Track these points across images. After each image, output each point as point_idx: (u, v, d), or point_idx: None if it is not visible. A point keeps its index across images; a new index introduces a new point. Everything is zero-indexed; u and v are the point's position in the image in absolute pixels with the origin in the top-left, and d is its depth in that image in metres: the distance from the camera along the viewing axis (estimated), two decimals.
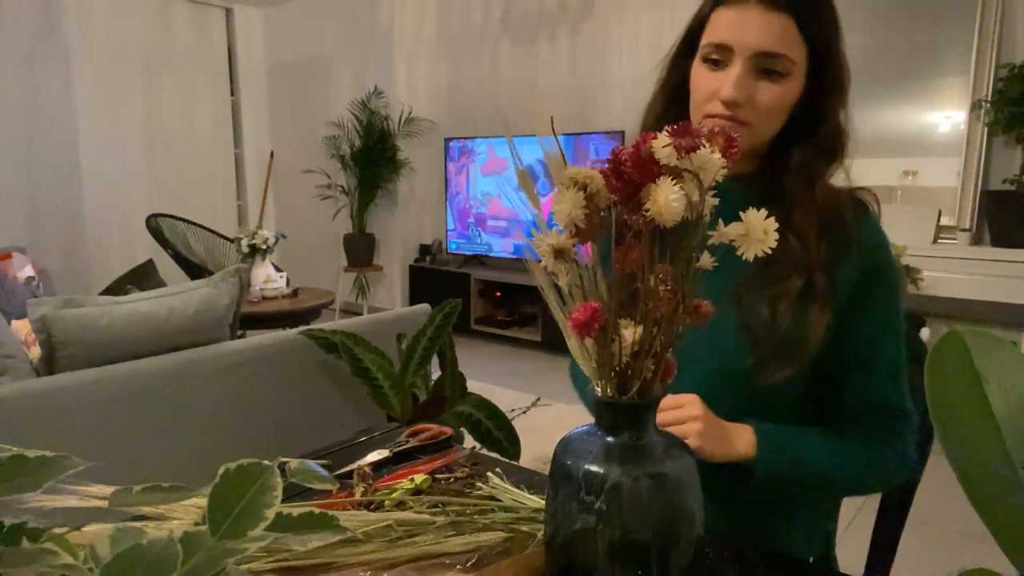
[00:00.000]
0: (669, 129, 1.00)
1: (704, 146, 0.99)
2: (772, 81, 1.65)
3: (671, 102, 1.84)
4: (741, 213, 1.04)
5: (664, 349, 1.07)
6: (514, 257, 8.94)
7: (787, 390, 1.69)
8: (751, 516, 1.71)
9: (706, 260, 1.07)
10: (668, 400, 1.58)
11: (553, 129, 1.13)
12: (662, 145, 0.99)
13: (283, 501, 0.83)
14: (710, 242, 1.06)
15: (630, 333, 1.05)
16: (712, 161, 1.00)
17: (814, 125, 1.73)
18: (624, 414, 1.11)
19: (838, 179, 1.76)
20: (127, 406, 3.12)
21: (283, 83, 11.37)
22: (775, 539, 1.76)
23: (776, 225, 1.03)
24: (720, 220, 1.06)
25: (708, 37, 1.71)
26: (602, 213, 1.08)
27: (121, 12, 9.54)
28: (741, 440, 1.61)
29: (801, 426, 1.70)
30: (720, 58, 1.68)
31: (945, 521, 4.05)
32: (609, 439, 1.12)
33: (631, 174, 1.01)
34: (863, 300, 1.70)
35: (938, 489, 2.15)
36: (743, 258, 1.05)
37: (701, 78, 1.72)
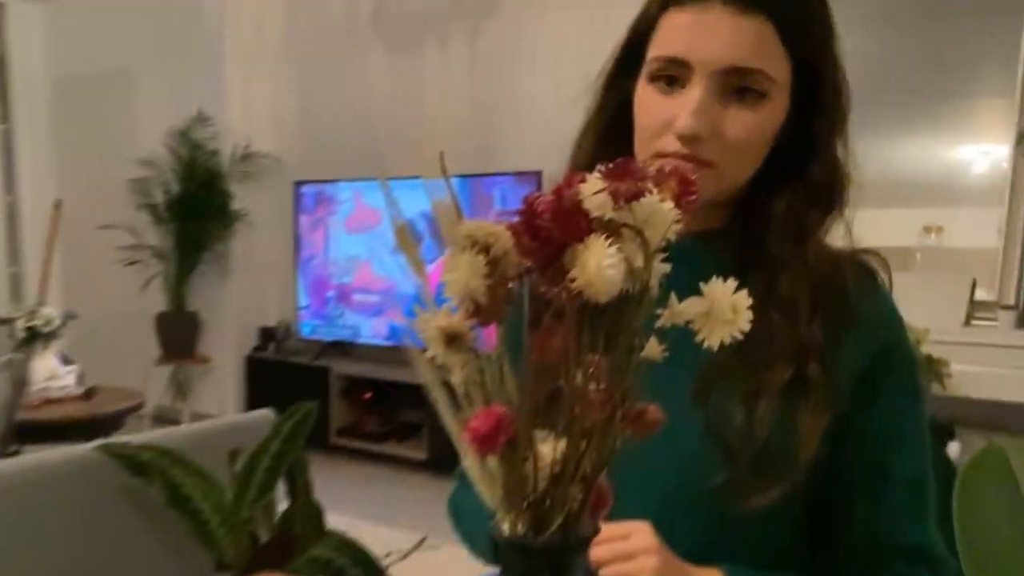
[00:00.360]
0: (602, 169, 0.95)
1: (651, 192, 0.95)
2: (745, 105, 1.58)
3: (608, 137, 1.77)
4: (703, 284, 1.00)
5: (596, 471, 1.04)
6: (390, 345, 8.91)
7: (772, 521, 1.63)
8: None
9: (654, 348, 1.03)
10: (610, 530, 1.45)
11: (444, 169, 1.07)
12: (593, 191, 0.94)
13: None
14: (659, 324, 1.02)
15: (549, 449, 1.02)
16: (661, 213, 0.95)
17: (803, 163, 1.66)
18: (541, 560, 1.07)
19: (836, 236, 1.72)
20: None
21: (73, 105, 11.20)
22: None
23: (749, 301, 0.99)
24: (673, 294, 1.02)
25: (657, 49, 1.63)
26: (511, 284, 1.03)
27: None
28: None
29: (790, 572, 1.65)
30: (675, 76, 1.60)
31: None
32: None
33: (550, 231, 0.96)
34: (872, 397, 1.63)
35: None
36: (703, 346, 1.01)
37: (649, 104, 1.65)
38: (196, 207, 9.72)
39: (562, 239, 0.97)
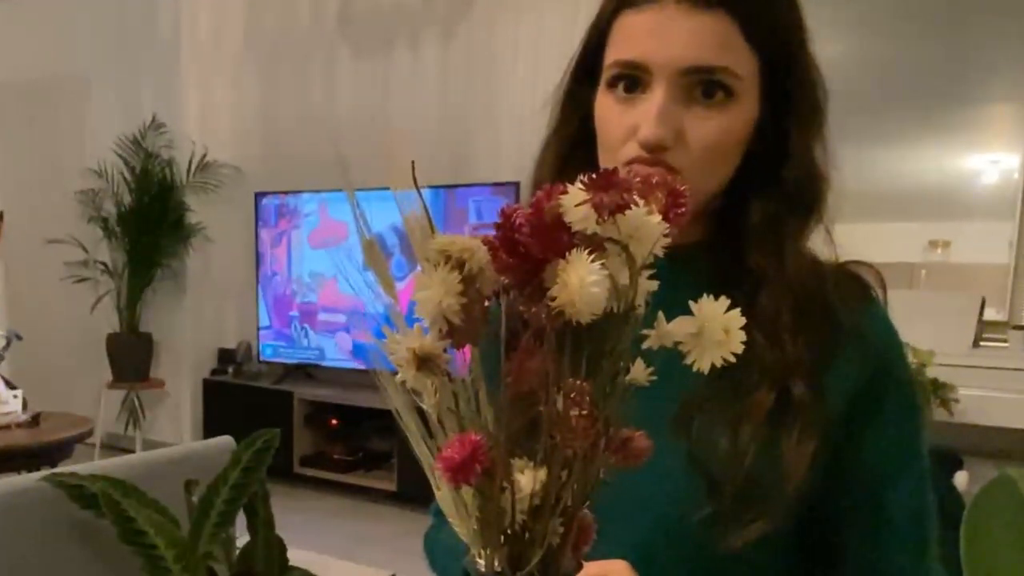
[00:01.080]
0: (584, 180, 0.93)
1: (637, 204, 0.92)
2: (711, 107, 1.53)
3: (571, 153, 1.73)
4: (691, 303, 0.98)
5: (578, 503, 1.03)
6: (358, 368, 8.87)
7: (763, 555, 1.59)
8: None
9: (640, 371, 1.02)
10: (588, 569, 1.27)
11: (415, 179, 1.06)
12: (575, 203, 0.91)
13: None
14: (646, 345, 1.00)
15: (528, 479, 1.00)
16: (648, 226, 0.93)
17: (779, 168, 1.60)
18: None
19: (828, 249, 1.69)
20: None
21: (18, 111, 11.15)
22: None
23: (743, 320, 0.97)
24: (660, 313, 1.00)
25: (613, 54, 1.59)
26: (487, 303, 1.01)
27: None
28: None
29: None
30: (635, 80, 1.56)
31: None
32: None
33: (530, 246, 0.94)
34: (867, 422, 1.60)
35: None
36: (693, 368, 0.99)
37: (609, 114, 1.61)
38: (150, 220, 9.72)
39: (542, 255, 0.95)
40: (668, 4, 1.50)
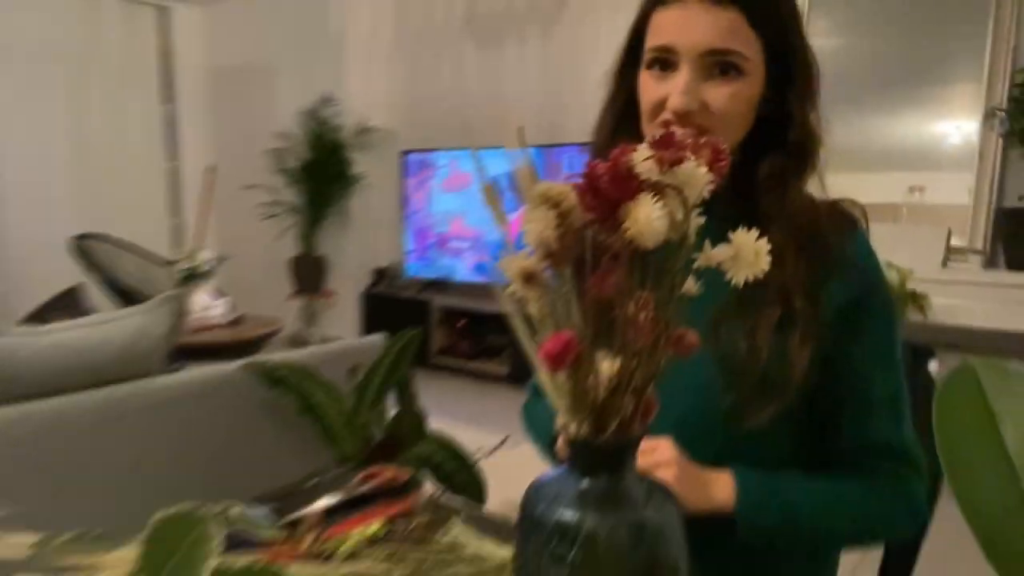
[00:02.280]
0: (650, 141, 0.98)
1: (689, 159, 0.97)
2: (725, 81, 1.61)
3: (622, 121, 1.81)
4: (708, 239, 1.04)
5: (644, 384, 1.05)
6: (479, 282, 8.92)
7: (777, 433, 1.65)
8: (739, 571, 1.67)
9: (691, 285, 1.05)
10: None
11: (523, 140, 1.11)
12: (642, 158, 0.97)
13: (223, 552, 0.82)
14: (696, 266, 1.04)
15: (607, 366, 1.04)
16: (698, 176, 0.98)
17: (783, 132, 1.68)
18: (601, 456, 1.09)
19: (816, 193, 1.71)
20: (50, 447, 3.10)
21: (225, 90, 11.35)
22: None
23: (768, 246, 1.02)
24: (707, 241, 1.04)
25: (650, 41, 1.68)
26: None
27: (44, 10, 9.45)
28: (720, 489, 1.56)
29: (791, 471, 1.66)
30: (666, 62, 1.65)
31: (954, 570, 4.06)
32: (584, 484, 1.09)
33: (608, 190, 0.98)
34: (854, 328, 1.66)
35: (947, 533, 2.14)
36: (724, 286, 1.04)
37: (647, 88, 1.69)
38: (322, 172, 9.81)
39: (617, 197, 0.98)
40: (692, 3, 1.59)
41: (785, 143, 1.66)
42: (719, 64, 1.60)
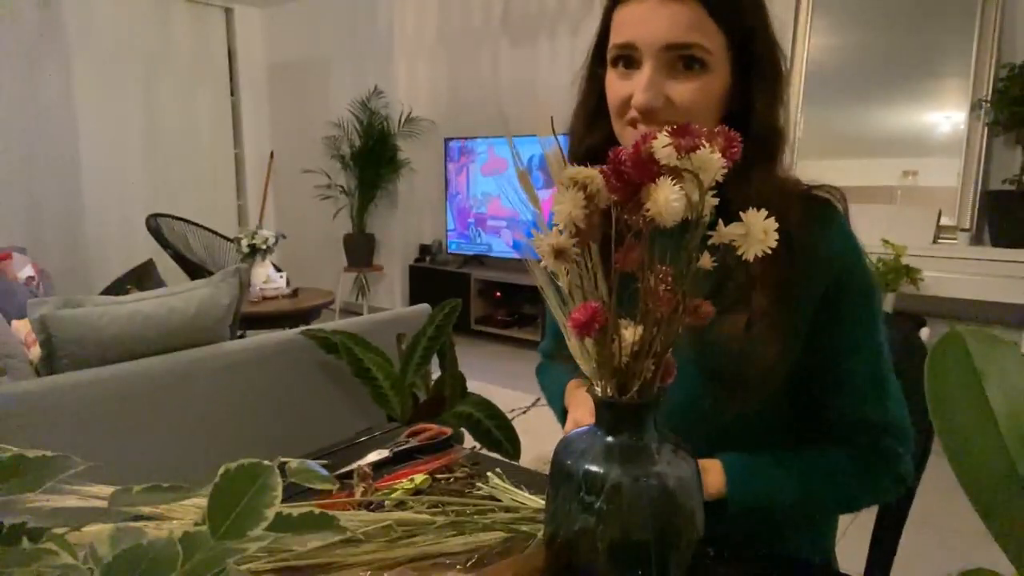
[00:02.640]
0: (670, 130, 0.98)
1: (704, 146, 0.97)
2: (689, 76, 1.49)
3: (594, 120, 1.71)
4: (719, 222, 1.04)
5: (664, 349, 1.06)
6: (514, 257, 8.88)
7: (765, 417, 1.62)
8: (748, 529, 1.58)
9: (706, 260, 1.04)
10: None
11: (553, 129, 1.12)
12: (662, 145, 0.96)
13: (283, 501, 0.83)
14: (711, 242, 1.03)
15: (630, 333, 1.05)
16: (712, 161, 0.97)
17: (747, 123, 1.53)
18: (624, 414, 1.10)
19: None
20: (127, 406, 3.13)
21: (283, 83, 11.39)
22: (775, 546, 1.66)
23: (776, 225, 1.00)
24: (720, 220, 1.03)
25: (612, 39, 1.57)
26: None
27: (121, 12, 9.55)
28: (711, 479, 1.52)
29: (777, 452, 1.61)
30: (629, 59, 1.54)
31: (945, 521, 4.04)
32: (609, 439, 1.10)
33: (631, 174, 0.99)
34: (831, 314, 1.59)
35: (938, 489, 2.14)
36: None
37: (613, 87, 1.59)
38: (372, 157, 9.84)
39: (639, 180, 0.99)
40: None
41: (749, 137, 1.37)
42: (682, 59, 1.49)
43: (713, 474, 1.52)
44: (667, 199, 0.96)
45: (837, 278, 1.56)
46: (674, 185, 0.96)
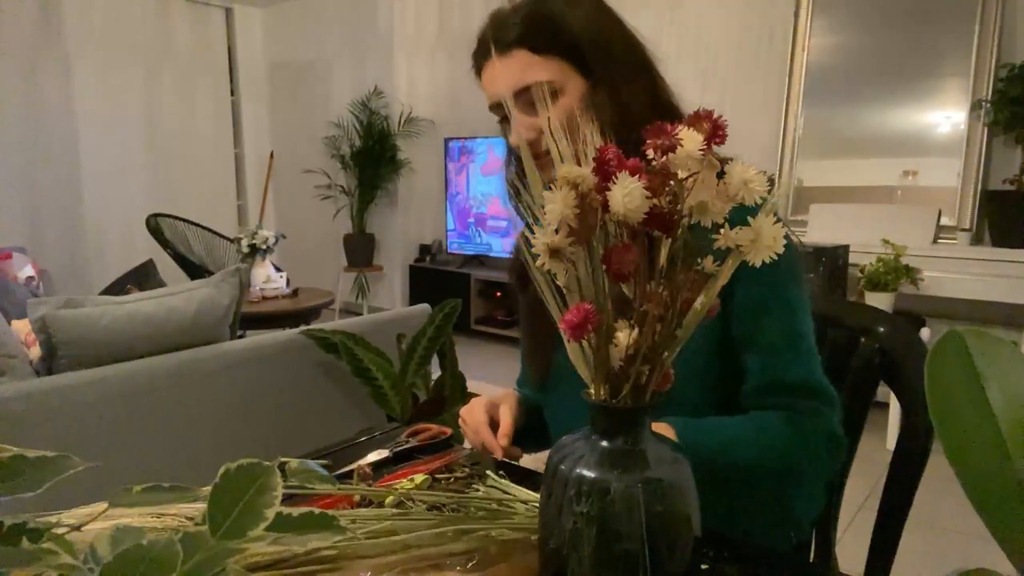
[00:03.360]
0: (647, 130, 1.01)
1: (681, 145, 0.97)
2: (547, 107, 1.65)
3: (519, 163, 1.83)
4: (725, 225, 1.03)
5: (658, 352, 1.04)
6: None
7: (690, 392, 1.60)
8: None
9: (709, 265, 1.04)
10: None
11: (550, 130, 1.12)
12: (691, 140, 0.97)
13: (283, 501, 0.83)
14: (716, 246, 1.03)
15: (624, 336, 1.03)
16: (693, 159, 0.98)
17: (621, 120, 1.62)
18: (617, 418, 1.09)
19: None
20: (127, 406, 3.13)
21: (283, 83, 11.38)
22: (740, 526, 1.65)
23: (785, 230, 1.01)
24: (726, 224, 1.03)
25: (488, 103, 1.81)
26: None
27: (121, 12, 9.56)
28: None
29: (721, 415, 1.65)
30: (504, 113, 1.74)
31: (945, 521, 4.05)
32: (603, 444, 1.09)
33: (617, 172, 0.98)
34: (732, 284, 1.52)
35: (938, 489, 2.14)
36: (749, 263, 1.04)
37: (506, 135, 1.81)
38: (372, 157, 9.83)
39: (604, 183, 1.00)
40: (490, 62, 1.76)
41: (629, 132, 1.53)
42: (532, 96, 1.69)
43: (662, 432, 1.49)
44: (619, 197, 0.96)
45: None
46: (634, 181, 0.96)
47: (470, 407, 1.81)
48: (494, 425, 1.88)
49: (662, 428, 1.53)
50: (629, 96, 1.67)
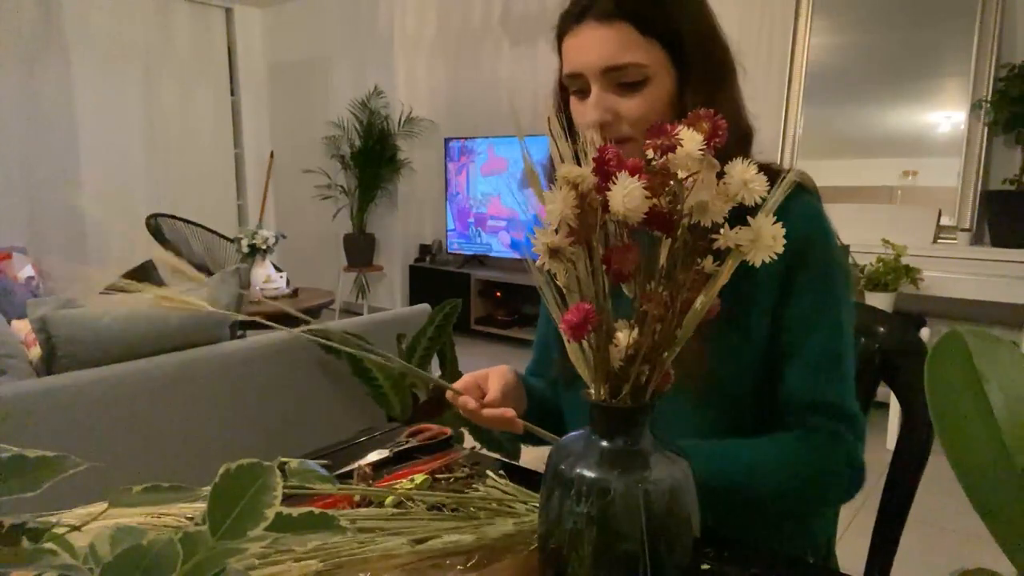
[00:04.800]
0: (648, 129, 1.01)
1: (681, 145, 0.97)
2: (632, 92, 1.60)
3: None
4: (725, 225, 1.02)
5: (658, 352, 1.04)
6: (514, 257, 8.93)
7: (733, 420, 1.64)
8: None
9: (709, 265, 1.04)
10: None
11: (550, 130, 1.13)
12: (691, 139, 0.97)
13: (283, 501, 0.83)
14: (716, 246, 1.02)
15: (624, 336, 1.03)
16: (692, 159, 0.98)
17: None
18: (618, 418, 1.09)
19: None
20: (127, 406, 3.13)
21: (283, 83, 11.38)
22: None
23: (783, 230, 1.00)
24: (726, 224, 1.03)
25: (564, 70, 1.70)
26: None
27: (120, 12, 9.56)
28: None
29: (730, 439, 1.61)
30: (580, 86, 1.66)
31: (945, 521, 4.05)
32: (603, 444, 1.10)
33: (617, 173, 0.98)
34: (790, 289, 1.61)
35: (938, 489, 2.14)
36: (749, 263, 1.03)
37: (576, 113, 1.69)
38: (372, 157, 9.84)
39: (604, 183, 0.99)
40: (583, 27, 1.61)
41: None
42: (620, 79, 1.60)
43: None
44: (619, 197, 0.96)
45: (798, 254, 1.57)
46: (633, 182, 0.96)
47: (463, 378, 1.74)
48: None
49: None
50: (719, 102, 1.50)
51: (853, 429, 1.61)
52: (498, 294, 9.29)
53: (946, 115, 6.27)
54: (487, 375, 1.70)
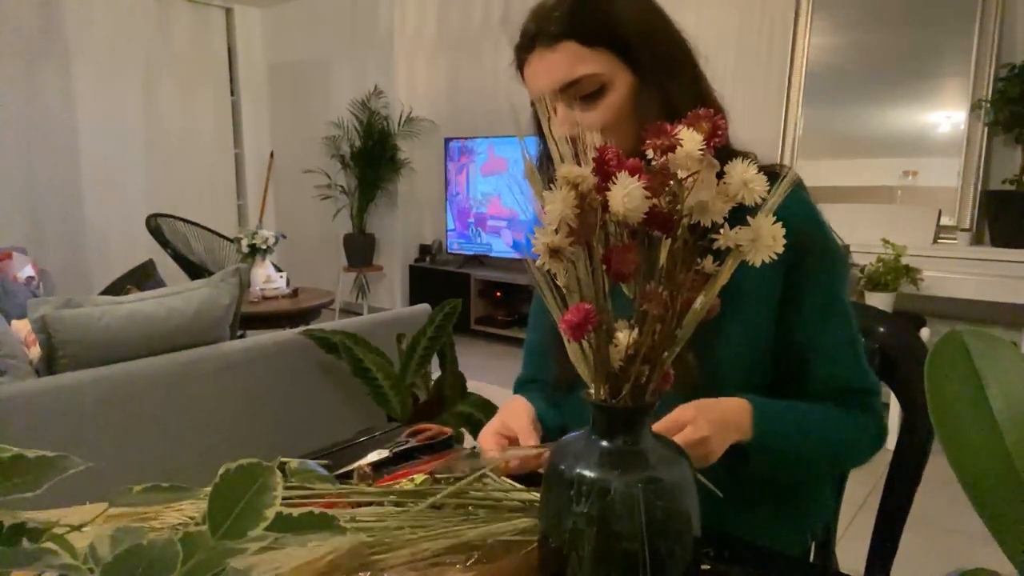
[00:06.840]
0: (647, 128, 1.01)
1: (680, 145, 0.97)
2: (592, 102, 1.66)
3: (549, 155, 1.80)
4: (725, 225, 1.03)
5: (658, 352, 1.04)
6: (514, 257, 8.92)
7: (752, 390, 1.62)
8: (740, 506, 1.61)
9: (708, 264, 1.04)
10: (663, 425, 1.43)
11: (550, 129, 1.15)
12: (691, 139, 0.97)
13: (283, 501, 0.83)
14: (716, 246, 1.03)
15: (624, 336, 1.03)
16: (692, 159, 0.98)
17: (671, 116, 1.55)
18: (617, 418, 1.09)
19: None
20: (127, 406, 3.13)
21: (283, 83, 11.39)
22: (765, 532, 1.65)
23: (783, 230, 1.01)
24: (726, 223, 1.03)
25: (530, 97, 1.80)
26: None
27: (121, 13, 9.56)
28: (741, 426, 1.52)
29: (792, 401, 1.64)
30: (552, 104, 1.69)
31: (945, 521, 4.05)
32: (603, 444, 1.09)
33: (617, 173, 0.98)
34: (800, 285, 1.65)
35: (938, 489, 2.14)
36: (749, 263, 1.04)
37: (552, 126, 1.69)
38: (372, 157, 9.83)
39: (604, 183, 1.00)
40: (534, 56, 1.75)
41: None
42: (579, 92, 1.66)
43: (743, 419, 1.53)
44: (619, 197, 0.96)
45: (798, 243, 1.55)
46: (633, 182, 0.96)
47: (484, 436, 1.71)
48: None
49: (737, 403, 1.55)
50: (677, 93, 1.66)
51: (878, 399, 1.71)
52: (498, 294, 9.29)
53: (946, 115, 6.27)
54: (503, 422, 1.72)
